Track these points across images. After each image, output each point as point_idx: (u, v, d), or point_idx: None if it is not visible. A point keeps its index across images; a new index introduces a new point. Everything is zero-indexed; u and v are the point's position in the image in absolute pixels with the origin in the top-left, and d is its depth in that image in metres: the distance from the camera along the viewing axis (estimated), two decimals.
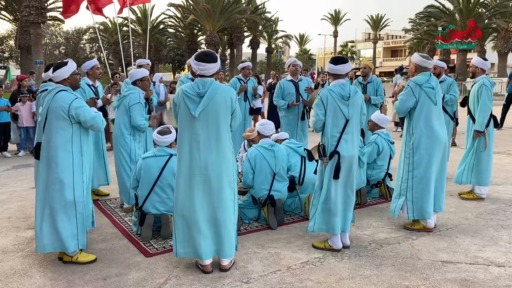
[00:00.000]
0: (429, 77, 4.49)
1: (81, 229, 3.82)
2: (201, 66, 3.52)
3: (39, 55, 24.21)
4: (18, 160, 8.77)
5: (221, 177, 3.57)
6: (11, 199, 6.02)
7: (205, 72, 3.54)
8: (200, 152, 3.52)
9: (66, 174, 3.73)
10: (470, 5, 31.47)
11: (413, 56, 4.67)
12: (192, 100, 3.51)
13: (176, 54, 47.70)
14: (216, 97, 3.51)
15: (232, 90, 3.69)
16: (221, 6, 33.92)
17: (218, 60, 3.58)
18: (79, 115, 3.73)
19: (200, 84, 3.54)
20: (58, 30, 49.65)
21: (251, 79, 7.69)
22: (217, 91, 3.52)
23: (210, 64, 3.52)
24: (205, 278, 3.60)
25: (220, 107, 3.52)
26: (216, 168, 3.54)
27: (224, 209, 3.60)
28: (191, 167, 3.55)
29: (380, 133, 5.96)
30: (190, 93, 3.52)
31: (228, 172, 3.61)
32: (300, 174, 5.19)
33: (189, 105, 3.51)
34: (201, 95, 3.50)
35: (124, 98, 5.15)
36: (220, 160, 3.55)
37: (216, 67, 3.57)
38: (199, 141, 3.52)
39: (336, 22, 62.35)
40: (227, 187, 3.61)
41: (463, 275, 3.64)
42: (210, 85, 3.53)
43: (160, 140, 4.57)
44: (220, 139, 3.55)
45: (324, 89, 4.07)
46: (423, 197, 4.49)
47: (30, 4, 23.98)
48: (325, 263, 3.87)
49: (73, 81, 3.93)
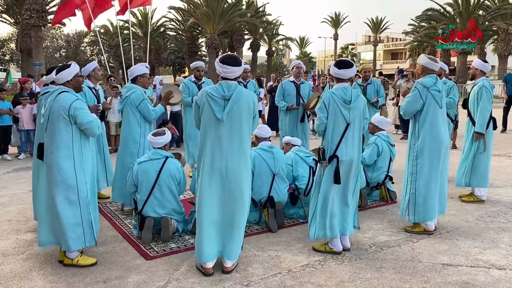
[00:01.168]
0: (436, 80, 4.49)
1: (87, 226, 3.83)
2: (226, 69, 3.56)
3: (40, 58, 24.22)
4: (18, 163, 8.77)
5: (241, 180, 3.61)
6: (12, 202, 6.02)
7: (229, 75, 3.58)
8: (222, 154, 3.56)
9: (69, 175, 3.75)
10: (470, 7, 31.51)
11: (420, 57, 4.66)
12: (217, 102, 3.54)
13: (176, 57, 47.72)
14: (240, 100, 3.55)
15: (254, 94, 3.75)
16: (221, 9, 33.97)
17: (242, 64, 3.64)
18: (77, 116, 3.75)
19: (225, 87, 3.58)
20: (59, 33, 49.70)
21: (250, 81, 7.77)
22: (242, 94, 3.57)
23: (234, 67, 3.57)
24: (205, 281, 3.60)
25: (244, 110, 3.57)
26: (237, 171, 3.58)
27: (241, 212, 3.66)
28: (212, 169, 3.58)
29: (380, 134, 5.96)
30: (215, 96, 3.55)
31: (248, 175, 3.68)
32: (307, 185, 5.09)
33: (213, 107, 3.53)
34: (227, 98, 3.53)
35: (127, 98, 5.18)
36: (241, 163, 3.59)
37: (240, 70, 3.63)
38: (222, 143, 3.56)
39: (337, 25, 62.41)
40: (246, 189, 3.67)
41: (464, 278, 3.64)
42: (235, 88, 3.57)
43: (154, 141, 4.59)
44: (242, 143, 3.60)
45: (326, 92, 4.08)
46: (425, 200, 4.49)
47: (31, 7, 24.01)
48: (325, 266, 3.87)
49: (75, 83, 3.97)
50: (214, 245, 3.66)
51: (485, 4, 32.75)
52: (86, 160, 3.88)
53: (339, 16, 62.29)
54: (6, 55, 43.05)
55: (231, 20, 35.47)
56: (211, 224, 3.62)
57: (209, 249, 3.63)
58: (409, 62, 49.64)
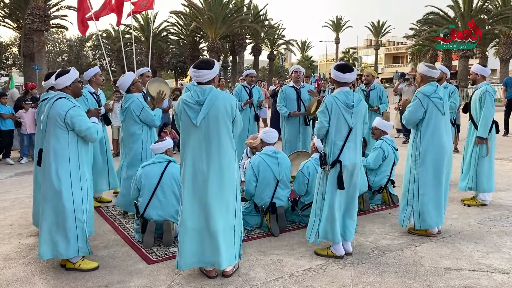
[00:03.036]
0: (436, 87, 4.49)
1: (81, 237, 3.81)
2: (196, 73, 3.56)
3: (42, 63, 24.32)
4: (20, 167, 8.79)
5: (222, 184, 3.57)
6: (14, 206, 6.03)
7: (200, 78, 3.57)
8: (202, 160, 3.54)
9: (64, 182, 3.73)
10: (472, 11, 31.52)
11: (419, 66, 4.67)
12: (192, 108, 3.53)
13: (178, 61, 47.84)
14: (216, 104, 3.52)
15: (232, 97, 3.69)
16: (223, 14, 34.08)
17: (214, 67, 3.59)
18: (74, 123, 3.74)
19: (199, 92, 3.56)
20: (61, 38, 49.91)
21: (256, 86, 7.73)
22: (217, 98, 3.54)
23: (205, 70, 3.54)
24: (207, 285, 3.60)
25: (220, 114, 3.53)
26: (219, 175, 3.54)
27: (225, 218, 3.59)
28: (194, 175, 3.56)
29: (385, 139, 5.95)
30: (189, 102, 3.54)
31: (231, 179, 3.62)
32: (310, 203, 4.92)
33: (189, 113, 3.53)
34: (201, 103, 3.52)
35: (127, 110, 5.19)
36: (222, 167, 3.55)
37: (212, 73, 3.58)
38: (201, 148, 3.54)
39: (338, 29, 62.52)
40: (230, 194, 3.61)
41: (467, 282, 3.63)
42: (209, 92, 3.54)
43: (156, 147, 4.66)
44: (222, 147, 3.55)
45: (329, 96, 4.08)
46: (430, 208, 4.48)
47: (33, 12, 24.12)
48: (327, 270, 3.86)
49: (74, 88, 3.95)
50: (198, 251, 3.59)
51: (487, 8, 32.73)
52: (83, 166, 3.86)
53: (341, 20, 62.43)
54: (9, 60, 43.22)
55: (233, 24, 35.57)
56: (194, 229, 3.58)
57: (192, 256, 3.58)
58: (410, 66, 49.63)
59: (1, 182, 7.50)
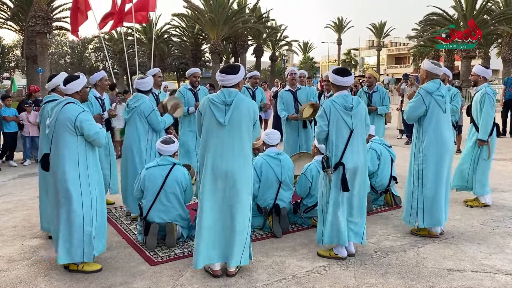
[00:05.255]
0: (439, 85, 4.49)
1: (88, 242, 3.83)
2: (222, 77, 3.70)
3: (44, 65, 24.41)
4: (23, 169, 8.82)
5: (241, 184, 3.66)
6: (17, 208, 6.05)
7: (224, 82, 3.70)
8: (223, 159, 3.63)
9: (74, 186, 3.76)
10: (474, 11, 31.47)
11: (424, 62, 4.67)
12: (219, 108, 3.66)
13: (180, 63, 47.90)
14: (241, 106, 3.66)
15: (255, 103, 3.88)
16: (225, 15, 34.11)
17: (239, 72, 3.73)
18: (83, 128, 3.78)
19: (226, 93, 3.70)
20: (63, 40, 50.08)
21: (259, 88, 7.75)
22: (242, 101, 3.69)
23: (230, 75, 3.69)
24: (210, 286, 3.60)
25: (244, 116, 3.67)
26: (237, 174, 3.64)
27: (242, 217, 3.69)
28: (214, 173, 3.65)
29: (373, 140, 5.97)
30: (216, 101, 3.67)
31: (248, 180, 3.72)
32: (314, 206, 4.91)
33: (215, 113, 3.64)
34: (227, 104, 3.64)
35: (136, 108, 5.21)
36: (241, 167, 3.66)
37: (237, 78, 3.73)
38: (223, 147, 3.64)
39: (340, 30, 62.50)
40: (246, 194, 3.71)
41: (470, 283, 3.62)
42: (236, 95, 3.69)
43: (164, 149, 4.60)
44: (242, 147, 3.67)
45: (327, 100, 4.10)
46: (434, 206, 4.47)
47: (36, 15, 24.23)
48: (330, 272, 3.86)
49: (83, 94, 4.04)
50: (214, 248, 3.69)
51: (490, 8, 32.67)
52: (92, 171, 3.89)
53: (343, 21, 62.39)
54: (12, 62, 43.39)
55: (235, 26, 35.60)
56: (211, 228, 3.67)
57: (208, 252, 3.67)
58: (413, 67, 49.58)
59: (5, 184, 7.53)
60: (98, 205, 3.92)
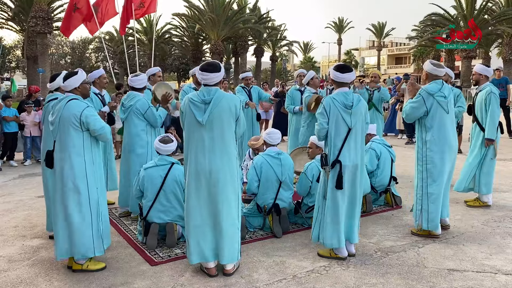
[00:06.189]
0: (441, 85, 4.46)
1: (97, 235, 3.86)
2: (204, 76, 3.67)
3: (45, 65, 24.46)
4: (24, 169, 8.83)
5: (225, 182, 3.67)
6: (18, 208, 6.05)
7: (208, 81, 3.67)
8: (205, 157, 3.63)
9: (81, 180, 3.78)
10: (475, 11, 31.46)
11: (425, 63, 4.65)
12: (198, 107, 3.64)
13: (181, 63, 47.94)
14: (221, 104, 3.64)
15: (236, 98, 3.81)
16: (225, 15, 34.11)
17: (221, 70, 3.70)
18: (89, 123, 3.80)
19: (205, 92, 3.68)
20: (64, 40, 50.12)
21: (254, 87, 8.05)
22: (222, 98, 3.66)
23: (212, 73, 3.65)
24: (210, 286, 3.60)
25: (225, 113, 3.65)
26: (221, 172, 3.64)
27: (227, 215, 3.70)
28: (197, 172, 3.66)
29: (374, 139, 5.97)
30: (195, 101, 3.66)
31: (233, 178, 3.72)
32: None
33: (195, 112, 3.63)
34: (207, 102, 3.63)
35: (132, 107, 5.19)
36: (224, 165, 3.65)
37: (219, 76, 3.69)
38: (204, 146, 3.64)
39: (340, 30, 62.55)
40: (231, 192, 3.71)
41: (470, 283, 3.62)
42: (215, 93, 3.66)
43: (162, 148, 4.60)
44: (225, 145, 3.66)
45: (327, 97, 4.09)
46: (437, 207, 4.47)
47: (37, 15, 24.27)
48: (330, 272, 3.86)
49: (83, 90, 4.03)
50: (205, 246, 3.72)
51: (490, 8, 32.65)
52: (97, 166, 3.92)
53: (343, 21, 62.44)
54: (12, 62, 43.44)
55: (235, 26, 35.61)
56: (199, 227, 3.70)
57: (199, 249, 3.71)
58: (413, 67, 49.56)
59: (5, 184, 7.53)
60: (103, 199, 3.96)
